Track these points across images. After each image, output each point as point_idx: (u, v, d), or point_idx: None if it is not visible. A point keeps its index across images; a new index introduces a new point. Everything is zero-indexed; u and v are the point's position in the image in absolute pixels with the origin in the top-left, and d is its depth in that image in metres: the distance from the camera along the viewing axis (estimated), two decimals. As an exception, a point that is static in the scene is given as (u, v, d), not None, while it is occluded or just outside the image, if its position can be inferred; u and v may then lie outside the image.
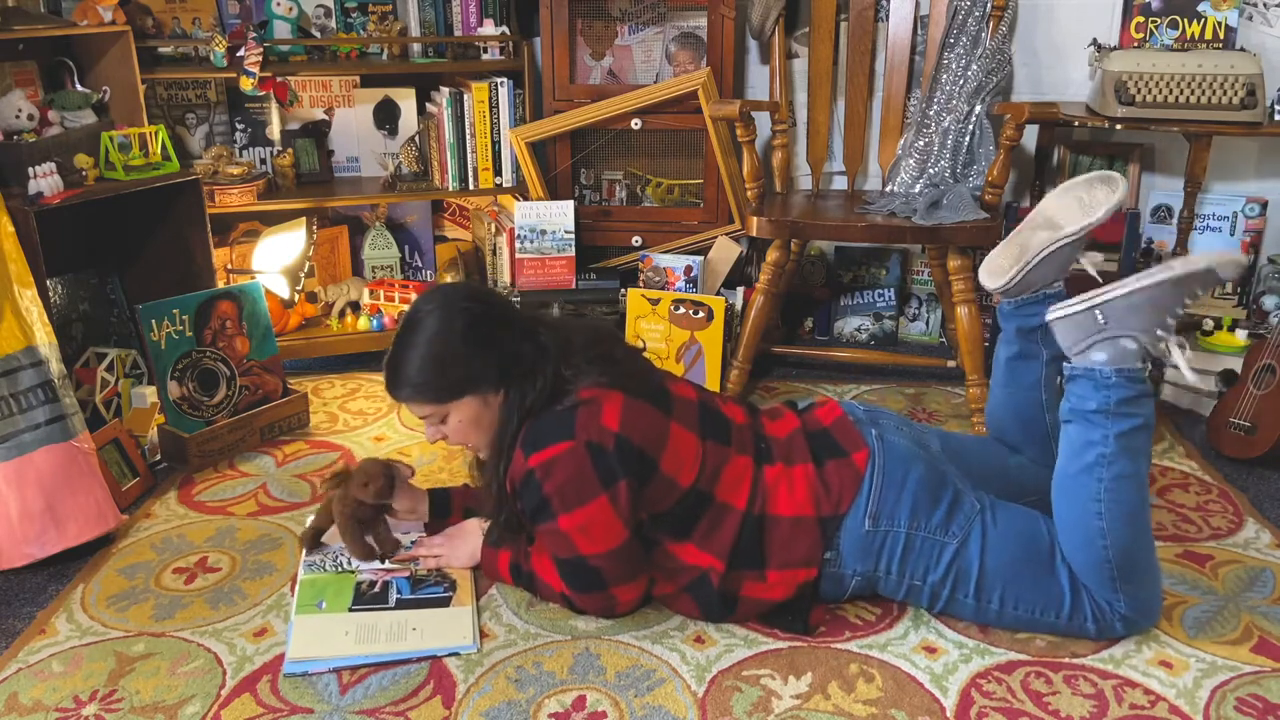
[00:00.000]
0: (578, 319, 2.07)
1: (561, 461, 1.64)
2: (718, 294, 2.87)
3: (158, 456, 2.45)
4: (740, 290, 2.93)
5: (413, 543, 2.01)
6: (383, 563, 1.97)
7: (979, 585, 1.72)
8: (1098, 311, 1.63)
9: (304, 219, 3.05)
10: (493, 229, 3.09)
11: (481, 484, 1.84)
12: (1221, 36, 2.75)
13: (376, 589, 1.89)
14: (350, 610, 1.83)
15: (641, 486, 1.68)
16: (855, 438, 1.79)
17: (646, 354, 1.91)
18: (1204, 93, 2.59)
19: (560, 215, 2.95)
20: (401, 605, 1.84)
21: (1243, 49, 2.71)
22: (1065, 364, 1.71)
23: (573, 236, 2.96)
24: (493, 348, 1.71)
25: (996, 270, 1.86)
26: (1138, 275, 1.61)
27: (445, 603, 1.85)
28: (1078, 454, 1.68)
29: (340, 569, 1.95)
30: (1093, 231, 1.81)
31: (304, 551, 2.01)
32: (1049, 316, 1.69)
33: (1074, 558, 1.70)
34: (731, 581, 1.74)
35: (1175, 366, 1.64)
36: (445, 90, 2.93)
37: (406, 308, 1.93)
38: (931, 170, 2.76)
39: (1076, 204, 1.80)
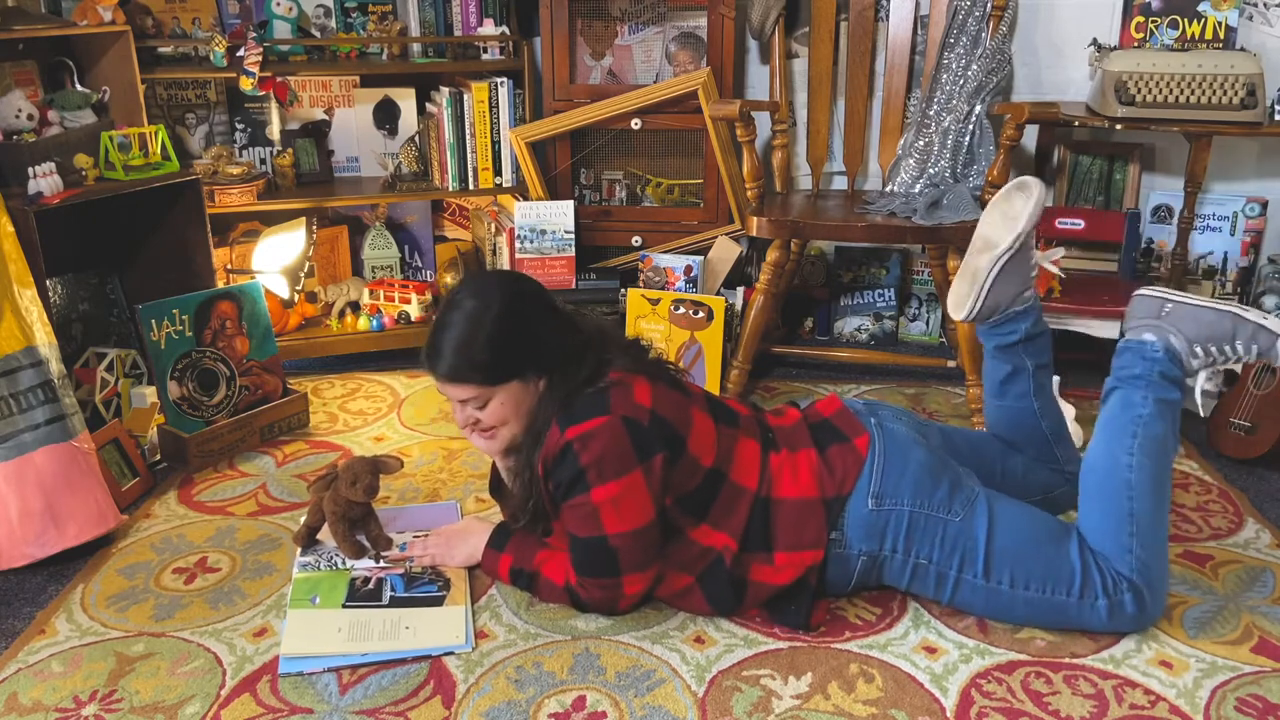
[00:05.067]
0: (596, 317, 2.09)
1: (599, 434, 1.66)
2: (718, 294, 2.87)
3: (157, 456, 2.45)
4: (740, 290, 2.93)
5: (406, 543, 2.01)
6: (376, 561, 1.97)
7: (987, 564, 1.73)
8: (1167, 303, 1.78)
9: (304, 219, 3.05)
10: (493, 229, 3.09)
11: (511, 471, 1.84)
12: (1221, 36, 2.75)
13: (370, 585, 1.89)
14: (344, 606, 1.83)
15: (673, 463, 1.71)
16: (856, 425, 1.83)
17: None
18: (1204, 93, 2.59)
19: (560, 215, 2.95)
20: (395, 603, 1.84)
21: (1243, 49, 2.71)
22: (1119, 339, 1.81)
23: (573, 236, 2.96)
24: (542, 335, 1.74)
25: (959, 301, 1.94)
26: (1220, 300, 1.78)
27: (439, 601, 1.85)
28: (1117, 415, 1.76)
29: (335, 567, 1.96)
30: (1032, 235, 1.89)
31: (298, 550, 2.01)
32: (1138, 293, 1.82)
33: (1097, 517, 1.73)
34: (742, 565, 1.76)
35: (1192, 389, 1.80)
36: (445, 90, 2.93)
37: (450, 290, 1.94)
38: (931, 170, 2.76)
39: (1001, 219, 1.89)
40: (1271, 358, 1.74)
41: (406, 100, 3.16)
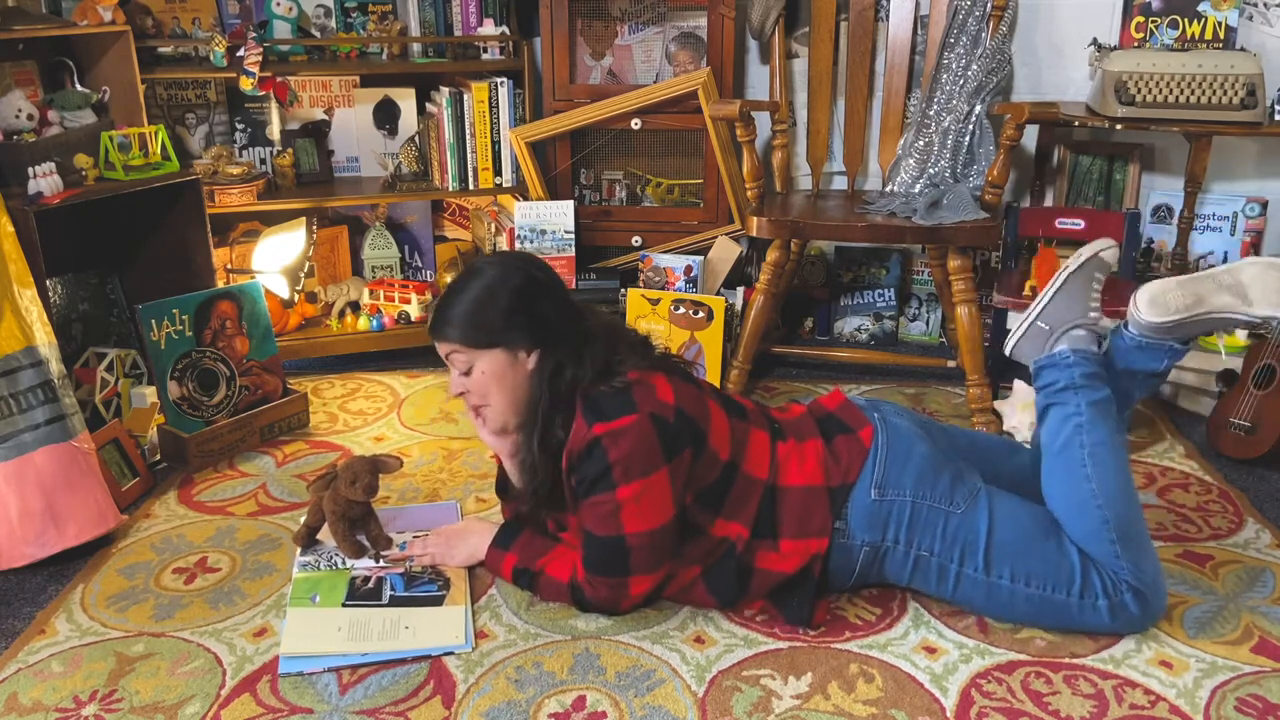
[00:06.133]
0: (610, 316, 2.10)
1: (629, 432, 1.67)
2: (718, 294, 2.87)
3: (157, 456, 2.45)
4: (740, 290, 2.93)
5: (406, 543, 2.01)
6: (376, 560, 1.97)
7: (987, 558, 1.73)
8: (1040, 322, 1.86)
9: (304, 219, 3.05)
10: (493, 229, 3.09)
11: (513, 458, 1.84)
12: (1221, 36, 2.75)
13: (370, 585, 1.89)
14: (344, 605, 1.83)
15: (696, 458, 1.73)
16: (860, 417, 1.86)
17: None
18: (1204, 93, 2.59)
19: (560, 215, 2.95)
20: (395, 602, 1.84)
21: (1243, 49, 2.72)
22: (1033, 365, 1.87)
23: (573, 236, 2.96)
24: (539, 311, 1.74)
25: (1163, 306, 1.78)
26: (1051, 282, 1.87)
27: (439, 601, 1.85)
28: (1059, 431, 1.79)
29: (335, 567, 1.96)
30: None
31: (298, 550, 2.01)
32: (1007, 350, 1.91)
33: (1074, 530, 1.73)
34: (750, 551, 1.77)
35: (1108, 331, 1.88)
36: (445, 90, 2.93)
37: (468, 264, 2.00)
38: (931, 170, 2.76)
39: (1276, 289, 1.75)
40: (1112, 261, 1.86)
41: (406, 100, 3.16)
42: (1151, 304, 1.79)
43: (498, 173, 3.03)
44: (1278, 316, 1.74)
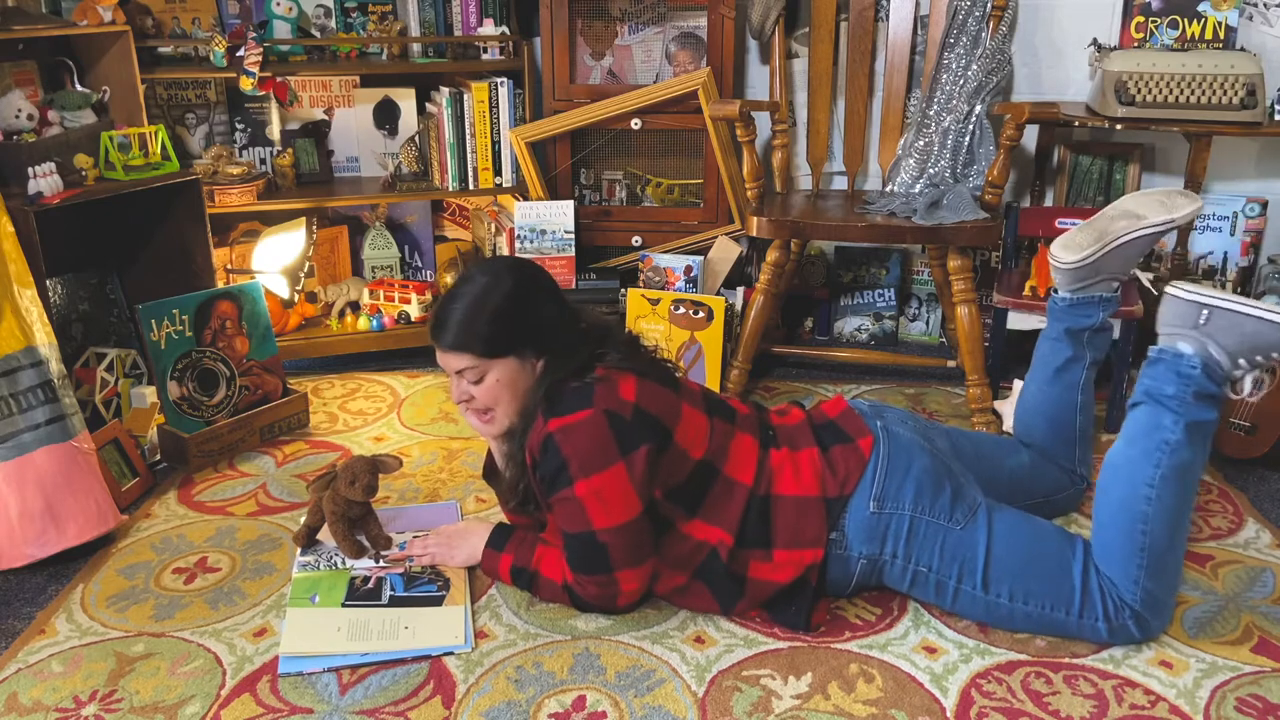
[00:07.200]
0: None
1: (581, 427, 1.67)
2: (718, 294, 2.87)
3: (157, 456, 2.45)
4: (740, 290, 2.93)
5: (405, 543, 2.01)
6: (376, 560, 1.97)
7: (985, 577, 1.72)
8: (1204, 310, 1.66)
9: (304, 219, 3.05)
10: (493, 229, 3.09)
11: (505, 456, 1.85)
12: (1221, 36, 2.75)
13: (370, 585, 1.89)
14: (344, 605, 1.84)
15: (659, 454, 1.72)
16: (861, 426, 1.84)
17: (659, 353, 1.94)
18: (1204, 93, 2.59)
19: (560, 215, 2.95)
20: (395, 602, 1.85)
21: (1243, 49, 2.72)
22: (1150, 346, 1.73)
23: (573, 236, 2.96)
24: (546, 316, 1.76)
25: (1074, 246, 1.93)
26: (1262, 304, 1.64)
27: (439, 601, 1.85)
28: (1142, 436, 1.68)
29: (335, 567, 1.96)
30: (1166, 234, 1.92)
31: (298, 550, 2.01)
32: (1170, 290, 1.71)
33: (1108, 543, 1.69)
34: (739, 562, 1.76)
35: (1239, 396, 1.75)
36: (445, 90, 2.93)
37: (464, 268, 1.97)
38: (931, 170, 2.76)
39: (1157, 204, 1.89)
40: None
41: (406, 100, 3.16)
42: (1065, 248, 1.94)
43: (498, 173, 3.03)
44: (1171, 218, 1.87)
